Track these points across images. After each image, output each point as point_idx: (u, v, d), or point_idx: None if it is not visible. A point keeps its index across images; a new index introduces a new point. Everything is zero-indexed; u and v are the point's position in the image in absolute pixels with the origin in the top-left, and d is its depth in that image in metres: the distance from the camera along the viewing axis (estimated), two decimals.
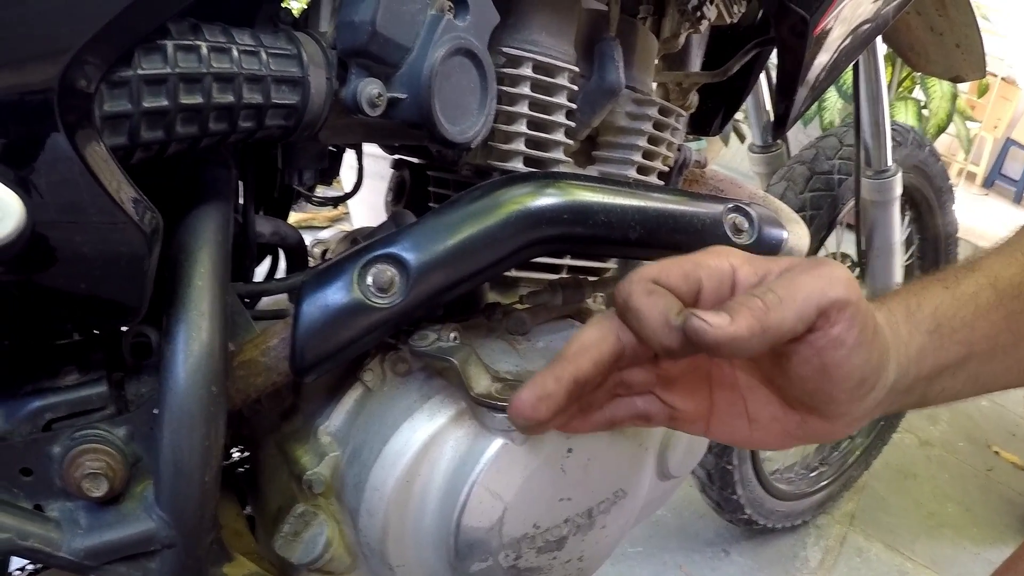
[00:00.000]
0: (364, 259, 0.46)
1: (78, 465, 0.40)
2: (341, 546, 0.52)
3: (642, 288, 0.41)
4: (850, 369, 0.41)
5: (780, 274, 0.42)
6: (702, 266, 0.43)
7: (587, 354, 0.44)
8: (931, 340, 0.47)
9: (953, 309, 0.48)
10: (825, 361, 0.41)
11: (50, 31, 0.33)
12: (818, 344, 0.40)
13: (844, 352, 0.40)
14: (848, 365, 0.41)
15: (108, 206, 0.36)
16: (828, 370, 0.41)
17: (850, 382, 0.42)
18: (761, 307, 0.39)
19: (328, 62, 0.44)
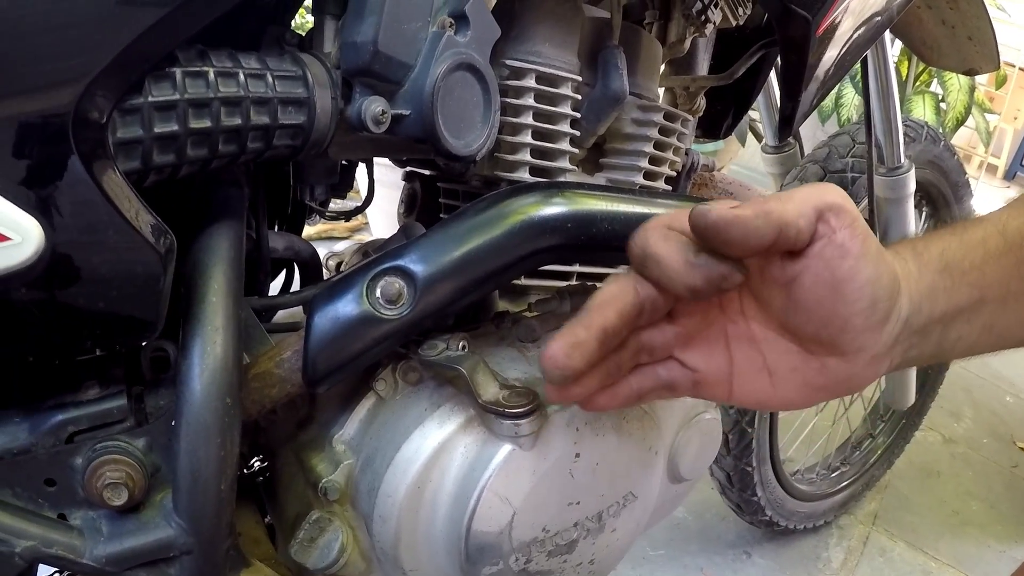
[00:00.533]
0: (373, 272, 0.47)
1: (100, 475, 0.42)
2: (356, 551, 0.53)
3: (658, 234, 0.42)
4: (860, 284, 0.41)
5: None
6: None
7: (611, 305, 0.43)
8: (941, 279, 0.46)
9: (961, 252, 0.47)
10: (834, 274, 0.41)
11: (64, 62, 0.34)
12: (825, 254, 0.40)
13: (851, 262, 0.40)
14: (858, 279, 0.41)
15: (124, 228, 0.38)
16: (838, 286, 0.41)
17: (862, 300, 0.41)
18: (762, 202, 0.40)
19: (333, 82, 0.45)
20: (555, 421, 0.51)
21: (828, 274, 0.41)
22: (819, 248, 0.40)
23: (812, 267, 0.41)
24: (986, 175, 5.18)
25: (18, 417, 0.43)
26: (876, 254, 0.42)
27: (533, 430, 0.49)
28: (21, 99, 0.34)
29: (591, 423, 0.52)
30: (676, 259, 0.41)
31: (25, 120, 0.34)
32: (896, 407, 1.61)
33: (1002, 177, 6.10)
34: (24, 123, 0.34)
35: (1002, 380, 2.73)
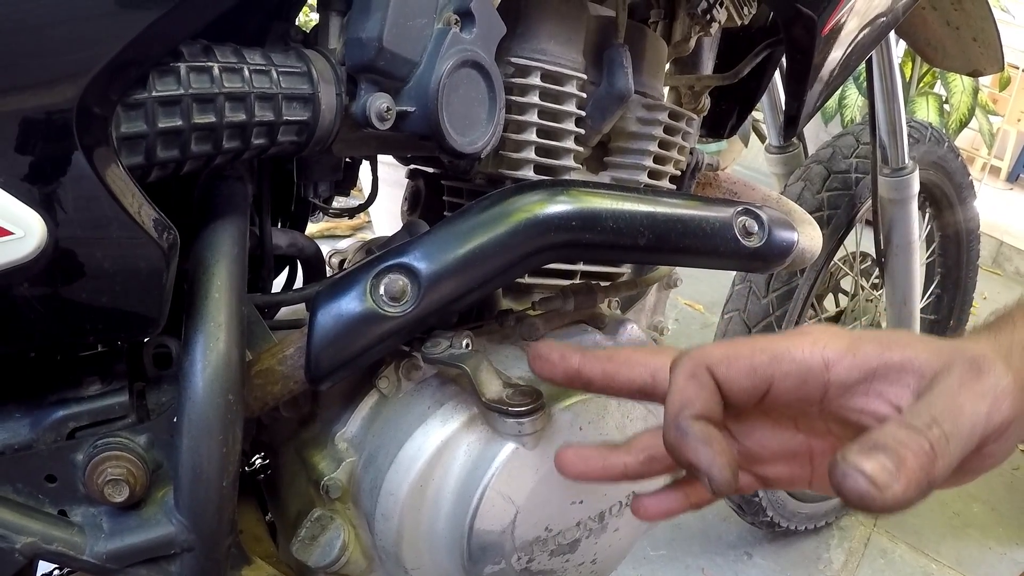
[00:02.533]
0: (376, 269, 0.47)
1: (101, 472, 0.42)
2: (357, 549, 0.53)
3: (698, 431, 0.37)
4: (996, 461, 0.37)
5: (931, 385, 0.35)
6: (781, 360, 0.38)
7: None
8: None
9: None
10: (970, 469, 0.36)
11: (68, 57, 0.34)
12: (969, 466, 0.35)
13: (993, 461, 0.36)
14: (995, 461, 0.36)
15: (127, 223, 0.38)
16: (971, 473, 0.37)
17: (994, 465, 0.37)
18: (928, 453, 0.32)
19: (338, 78, 0.45)
20: (559, 420, 0.51)
21: (962, 472, 0.36)
22: (964, 460, 0.34)
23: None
24: (989, 177, 5.17)
25: (19, 413, 0.43)
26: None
27: (536, 429, 0.49)
28: (25, 94, 0.34)
29: (594, 422, 0.52)
30: (711, 466, 0.36)
31: (29, 115, 0.34)
32: None
33: (1005, 179, 6.09)
34: (28, 118, 0.34)
35: None
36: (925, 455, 0.32)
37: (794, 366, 0.38)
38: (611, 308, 0.72)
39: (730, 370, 0.38)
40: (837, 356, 0.37)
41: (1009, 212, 4.74)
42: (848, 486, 0.31)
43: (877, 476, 0.30)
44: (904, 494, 0.31)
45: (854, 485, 0.31)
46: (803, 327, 0.40)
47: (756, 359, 0.38)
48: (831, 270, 1.48)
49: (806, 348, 0.38)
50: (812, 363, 0.37)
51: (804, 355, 0.38)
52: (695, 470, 0.37)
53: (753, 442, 0.43)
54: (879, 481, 0.30)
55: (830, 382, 0.37)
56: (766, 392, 0.39)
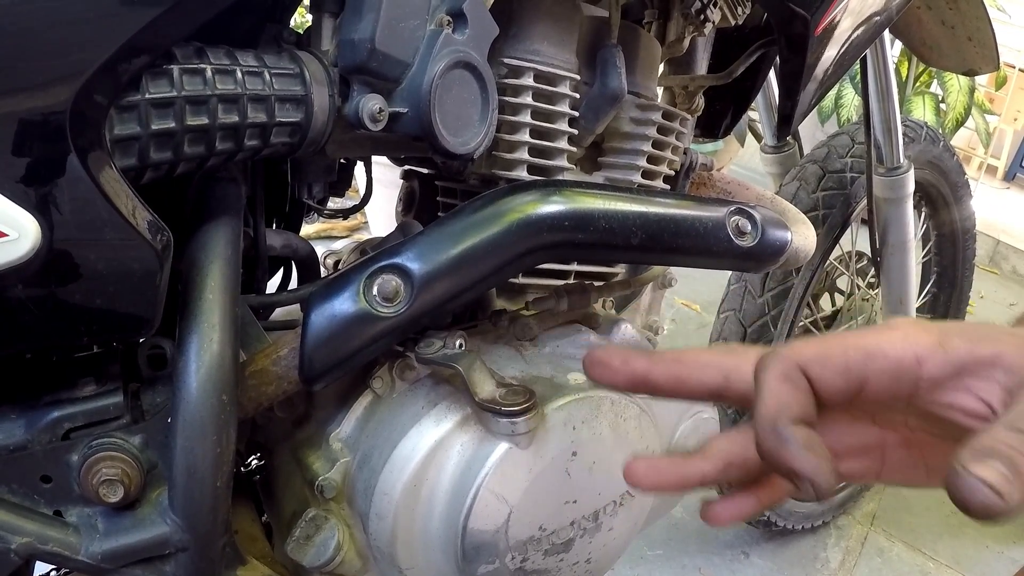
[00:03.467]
0: (369, 270, 0.47)
1: (95, 472, 0.42)
2: (352, 549, 0.53)
3: (800, 437, 0.35)
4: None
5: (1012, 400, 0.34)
6: (875, 358, 0.37)
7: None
8: None
9: None
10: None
11: (61, 59, 0.34)
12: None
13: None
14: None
15: (121, 225, 0.38)
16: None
17: None
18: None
19: (330, 79, 0.45)
20: (552, 419, 0.51)
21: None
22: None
23: None
24: (986, 176, 5.18)
25: (14, 414, 0.43)
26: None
27: (530, 428, 0.49)
28: (18, 96, 0.34)
29: (588, 422, 0.52)
30: (812, 473, 0.35)
31: (22, 117, 0.34)
32: None
33: (1002, 178, 6.10)
34: (21, 120, 0.34)
35: None
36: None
37: (888, 363, 0.37)
38: (605, 308, 0.72)
39: (824, 370, 0.37)
40: (928, 352, 0.36)
41: (1006, 211, 4.75)
42: (974, 498, 0.31)
43: (1000, 485, 0.30)
44: (1018, 503, 0.30)
45: (979, 496, 0.30)
46: (890, 321, 0.39)
47: (850, 357, 0.37)
48: (827, 269, 1.49)
49: (898, 344, 0.37)
50: (905, 360, 0.37)
51: (897, 352, 0.37)
52: (796, 476, 0.36)
53: (831, 439, 0.41)
54: (1002, 490, 0.30)
55: (921, 378, 0.37)
56: (859, 390, 0.38)
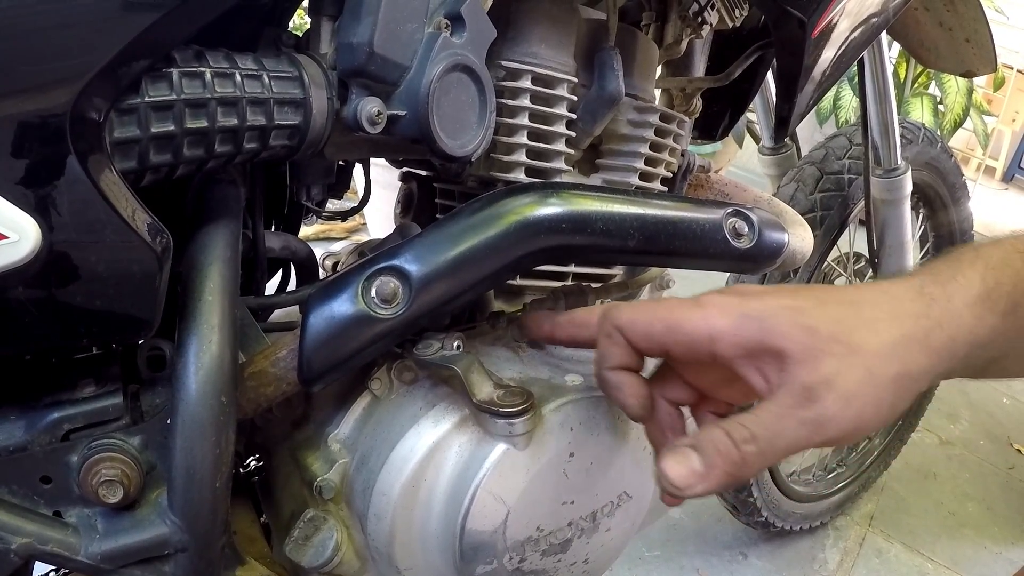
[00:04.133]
0: (368, 271, 0.47)
1: (95, 473, 0.42)
2: (350, 550, 0.53)
3: (610, 379, 0.46)
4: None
5: (771, 394, 0.40)
6: (673, 332, 0.43)
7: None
8: (1004, 322, 0.43)
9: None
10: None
11: (62, 62, 0.35)
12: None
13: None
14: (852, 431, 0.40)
15: (120, 227, 0.38)
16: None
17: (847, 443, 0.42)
18: (737, 463, 0.39)
19: (329, 82, 0.46)
20: (549, 420, 0.51)
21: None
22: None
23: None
24: (984, 177, 5.19)
25: (14, 415, 0.43)
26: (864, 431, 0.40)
27: (527, 429, 0.49)
28: (19, 98, 0.34)
29: (585, 423, 0.53)
30: (626, 402, 0.47)
31: (23, 119, 0.34)
32: None
33: (1000, 179, 6.11)
34: (22, 122, 0.34)
35: (999, 382, 2.74)
36: (734, 465, 0.39)
37: (684, 338, 0.43)
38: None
39: (632, 334, 0.45)
40: (721, 333, 0.42)
41: (1004, 212, 4.76)
42: (659, 483, 0.41)
43: (681, 479, 0.40)
44: (705, 491, 0.40)
45: (662, 483, 0.41)
46: (705, 297, 0.44)
47: (653, 328, 0.44)
48: (825, 271, 1.49)
49: (696, 322, 0.42)
50: (699, 337, 0.42)
51: (693, 328, 0.42)
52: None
53: (702, 379, 0.48)
54: (681, 483, 0.40)
55: (715, 353, 0.42)
56: (664, 353, 0.45)
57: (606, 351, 0.47)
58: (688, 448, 0.41)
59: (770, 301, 0.42)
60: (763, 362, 0.41)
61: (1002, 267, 0.43)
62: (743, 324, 0.41)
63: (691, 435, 0.43)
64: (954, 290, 0.43)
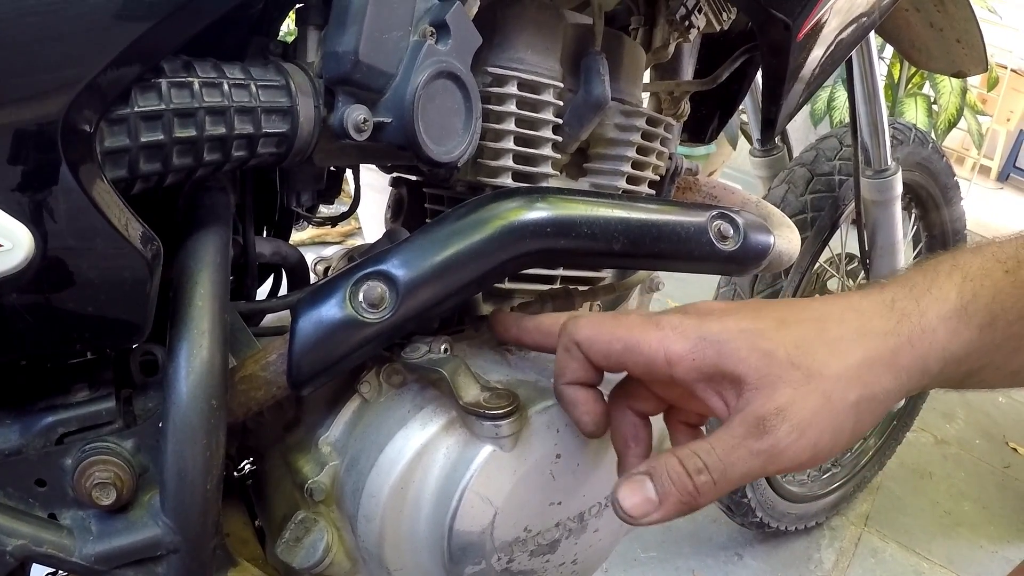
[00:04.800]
0: (355, 276, 0.48)
1: (89, 476, 0.43)
2: (341, 551, 0.54)
3: (566, 395, 0.47)
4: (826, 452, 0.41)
5: (727, 421, 0.40)
6: (631, 352, 0.43)
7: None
8: (982, 336, 0.42)
9: (1013, 299, 0.42)
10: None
11: (53, 73, 0.36)
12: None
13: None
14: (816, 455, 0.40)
15: (111, 235, 0.39)
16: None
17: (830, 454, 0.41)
18: (691, 493, 0.40)
19: (315, 90, 0.47)
20: (536, 422, 0.52)
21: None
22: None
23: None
24: (979, 177, 5.21)
25: (9, 419, 0.44)
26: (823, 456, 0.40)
27: (513, 431, 0.50)
28: (11, 108, 0.35)
29: (571, 425, 0.53)
30: (580, 419, 0.48)
31: (15, 129, 0.35)
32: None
33: (995, 179, 6.13)
34: (14, 132, 0.35)
35: None
36: (688, 495, 0.40)
37: (641, 359, 0.43)
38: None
39: (590, 351, 0.45)
40: (678, 357, 0.41)
41: (999, 211, 4.77)
42: (616, 510, 0.41)
43: (634, 508, 0.41)
44: (660, 520, 0.41)
45: (617, 511, 0.41)
46: (665, 317, 0.44)
47: (612, 347, 0.44)
48: (817, 272, 1.50)
49: (653, 345, 0.42)
50: (656, 360, 0.42)
51: (651, 351, 0.42)
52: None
53: (668, 393, 0.48)
54: (634, 512, 0.41)
55: (672, 376, 0.42)
56: (621, 370, 0.45)
57: (564, 365, 0.47)
58: (643, 476, 0.41)
59: (729, 323, 0.42)
60: (721, 386, 0.41)
61: (980, 278, 0.42)
62: (700, 348, 0.41)
63: (646, 463, 0.43)
64: (928, 304, 0.42)
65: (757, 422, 0.39)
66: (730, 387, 0.41)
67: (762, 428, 0.39)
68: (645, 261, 0.57)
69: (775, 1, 0.64)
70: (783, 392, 0.39)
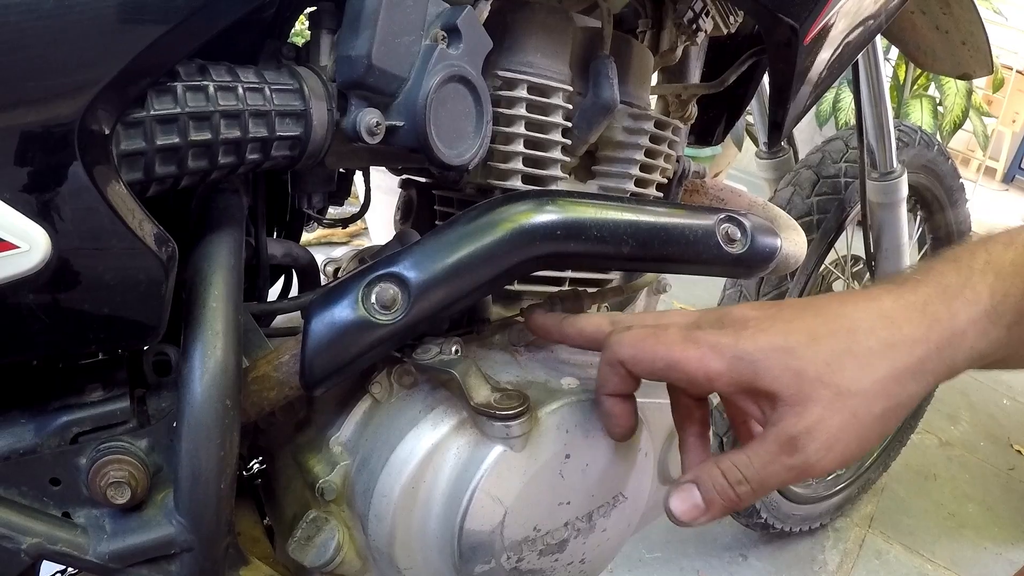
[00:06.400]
0: (368, 278, 0.48)
1: (103, 475, 0.44)
2: (352, 550, 0.54)
3: (605, 407, 0.50)
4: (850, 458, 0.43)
5: (764, 433, 0.44)
6: (674, 370, 0.45)
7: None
8: (1009, 333, 0.43)
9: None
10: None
11: (70, 76, 0.36)
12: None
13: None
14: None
15: (127, 237, 0.39)
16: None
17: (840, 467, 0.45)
18: (733, 500, 0.44)
19: (329, 94, 0.47)
20: (546, 423, 0.52)
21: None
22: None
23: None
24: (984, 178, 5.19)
25: (24, 418, 0.44)
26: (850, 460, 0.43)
27: (524, 432, 0.50)
28: (28, 111, 0.35)
29: (581, 425, 0.54)
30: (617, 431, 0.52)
31: (32, 131, 0.36)
32: None
33: (1000, 180, 6.12)
34: (32, 135, 0.35)
35: (999, 383, 2.75)
36: (730, 501, 0.45)
37: (683, 376, 0.45)
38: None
39: (635, 367, 0.47)
40: (718, 375, 0.44)
41: (1004, 213, 4.76)
42: (669, 516, 0.46)
43: (684, 514, 0.46)
44: (708, 521, 0.46)
45: (671, 517, 0.46)
46: (701, 333, 0.46)
47: (656, 365, 0.46)
48: (823, 274, 1.50)
49: (693, 364, 0.45)
50: (697, 377, 0.45)
51: (691, 369, 0.45)
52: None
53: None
54: (685, 518, 0.46)
55: (714, 389, 0.46)
56: (669, 382, 0.50)
57: (606, 379, 0.50)
58: (691, 484, 0.46)
59: (762, 340, 0.44)
60: (757, 399, 0.45)
61: (1012, 276, 0.43)
62: (737, 367, 0.44)
63: (692, 471, 0.47)
64: (960, 307, 0.43)
65: (790, 440, 0.42)
66: (766, 401, 0.44)
67: (794, 446, 0.42)
68: (654, 264, 0.57)
69: (782, 5, 0.64)
70: (813, 411, 0.42)
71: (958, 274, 0.44)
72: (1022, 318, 0.43)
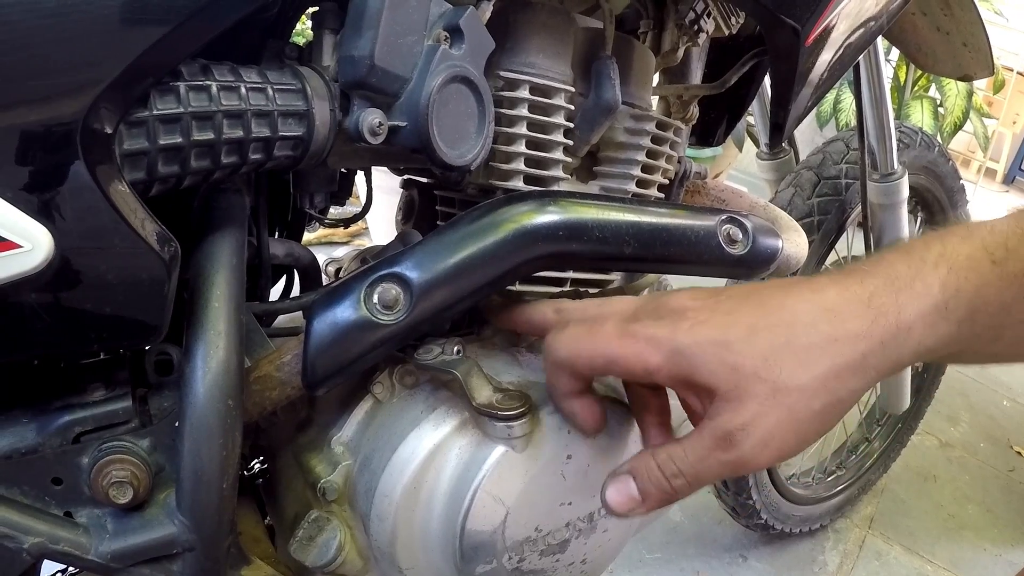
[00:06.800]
0: (370, 278, 0.48)
1: (105, 474, 0.44)
2: (353, 550, 0.54)
3: (564, 408, 0.51)
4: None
5: (701, 426, 0.43)
6: (614, 365, 0.46)
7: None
8: (960, 329, 0.42)
9: (996, 291, 0.41)
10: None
11: (73, 76, 0.36)
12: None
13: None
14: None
15: (130, 236, 0.39)
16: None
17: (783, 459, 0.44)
18: (669, 493, 0.45)
19: (331, 94, 0.47)
20: (547, 423, 0.52)
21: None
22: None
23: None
24: (985, 179, 5.19)
25: (26, 418, 0.44)
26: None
27: (525, 432, 0.50)
28: (32, 110, 0.35)
29: None
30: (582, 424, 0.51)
31: (35, 131, 0.36)
32: (891, 411, 1.63)
33: (1001, 181, 6.12)
34: (35, 134, 0.35)
35: (999, 384, 2.75)
36: (665, 494, 0.45)
37: (624, 370, 0.46)
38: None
39: (574, 367, 0.47)
40: (656, 368, 0.44)
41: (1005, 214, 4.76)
42: (603, 502, 0.47)
43: (620, 506, 0.46)
44: (643, 513, 0.46)
45: (606, 507, 0.46)
46: (639, 326, 0.46)
47: (594, 362, 0.46)
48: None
49: (631, 358, 0.45)
50: (637, 371, 0.45)
51: (630, 364, 0.45)
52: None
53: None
54: (619, 509, 0.46)
55: (655, 382, 0.47)
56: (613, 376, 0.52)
57: (554, 383, 0.50)
58: (627, 476, 0.46)
59: (700, 334, 0.43)
60: (696, 391, 0.45)
61: (966, 271, 0.42)
62: (675, 360, 0.44)
63: (629, 462, 0.47)
64: (908, 299, 0.41)
65: (725, 436, 0.42)
66: (704, 395, 0.44)
67: (730, 442, 0.42)
68: (655, 265, 0.57)
69: (784, 6, 0.64)
70: (749, 407, 0.41)
71: (909, 266, 0.43)
72: (974, 314, 0.41)
